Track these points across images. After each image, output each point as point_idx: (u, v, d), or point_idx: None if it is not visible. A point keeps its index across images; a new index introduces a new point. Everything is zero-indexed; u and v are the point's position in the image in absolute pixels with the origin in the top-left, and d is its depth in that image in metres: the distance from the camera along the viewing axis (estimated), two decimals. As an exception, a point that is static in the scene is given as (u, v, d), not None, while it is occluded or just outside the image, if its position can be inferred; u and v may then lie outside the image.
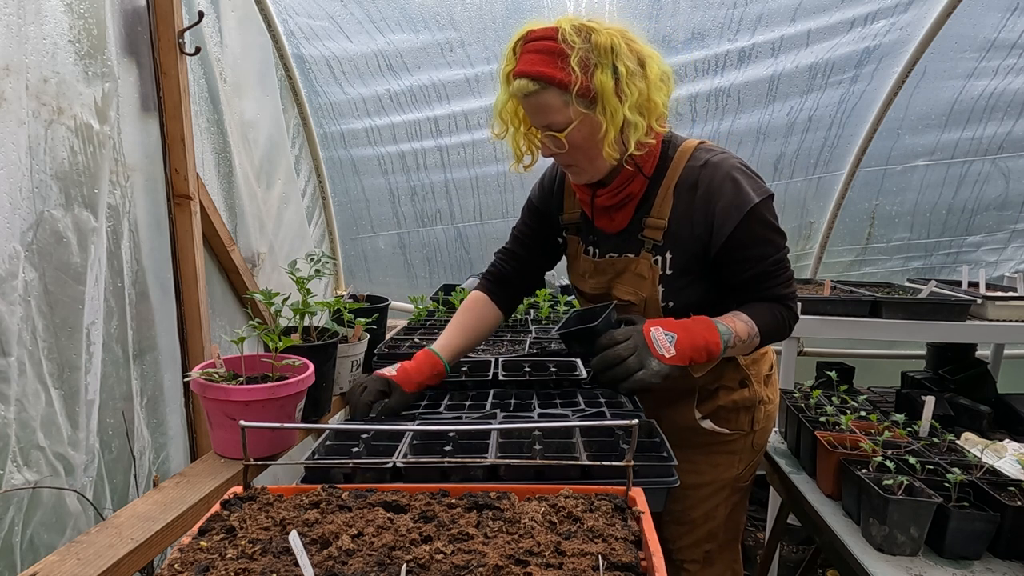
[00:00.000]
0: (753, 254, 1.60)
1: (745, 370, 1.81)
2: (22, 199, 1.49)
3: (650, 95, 1.50)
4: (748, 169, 1.62)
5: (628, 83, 1.47)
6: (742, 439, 1.85)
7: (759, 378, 1.84)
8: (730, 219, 1.55)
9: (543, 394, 1.81)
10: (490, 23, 3.18)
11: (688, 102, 3.44)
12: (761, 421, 1.86)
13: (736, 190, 1.56)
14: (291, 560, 0.86)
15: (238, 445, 1.17)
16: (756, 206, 1.55)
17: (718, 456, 1.85)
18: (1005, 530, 1.49)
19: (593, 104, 1.49)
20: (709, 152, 1.62)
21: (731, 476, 1.87)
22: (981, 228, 3.79)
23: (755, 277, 1.62)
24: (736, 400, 1.81)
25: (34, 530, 1.52)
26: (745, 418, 1.83)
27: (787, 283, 1.66)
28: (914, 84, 3.33)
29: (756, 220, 1.56)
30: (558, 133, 1.52)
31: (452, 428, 1.41)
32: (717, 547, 1.94)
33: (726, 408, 1.82)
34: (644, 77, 1.50)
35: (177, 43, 1.96)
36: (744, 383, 1.81)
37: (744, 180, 1.57)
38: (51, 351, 1.58)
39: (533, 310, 2.83)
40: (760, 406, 1.84)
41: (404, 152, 3.64)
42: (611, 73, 1.46)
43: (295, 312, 1.80)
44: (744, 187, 1.56)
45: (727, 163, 1.59)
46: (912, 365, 3.53)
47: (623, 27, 1.52)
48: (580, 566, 0.85)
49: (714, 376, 1.78)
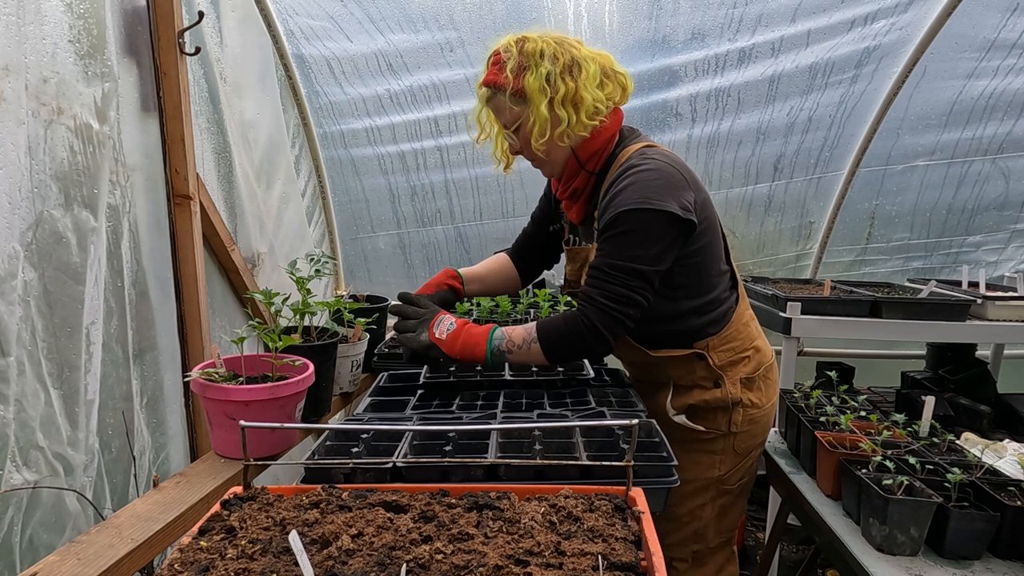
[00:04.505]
0: (603, 246, 1.65)
1: (718, 370, 1.84)
2: (22, 199, 1.49)
3: (579, 91, 1.65)
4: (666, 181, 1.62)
5: (556, 81, 1.64)
6: (721, 440, 1.87)
7: (734, 380, 1.85)
8: (608, 213, 1.64)
9: (553, 394, 1.81)
10: (490, 23, 3.18)
11: (688, 102, 3.44)
12: (740, 424, 1.87)
13: (627, 192, 1.61)
14: (291, 560, 0.86)
15: (238, 445, 1.17)
16: (631, 210, 1.59)
17: (699, 454, 1.88)
18: (1005, 530, 1.49)
19: (525, 102, 1.69)
20: (643, 157, 1.68)
21: (713, 476, 1.88)
22: (981, 228, 3.79)
23: (591, 267, 1.67)
24: (708, 400, 1.85)
25: (34, 530, 1.52)
26: (722, 418, 1.86)
27: (605, 292, 1.62)
28: (914, 84, 3.33)
29: (623, 221, 1.60)
30: (508, 129, 1.76)
31: (452, 428, 1.41)
32: (707, 549, 1.95)
33: (699, 407, 1.86)
34: (573, 76, 1.66)
35: (177, 43, 1.96)
36: (718, 383, 1.85)
37: (640, 188, 1.60)
38: (51, 351, 1.58)
39: (533, 310, 2.83)
40: (737, 408, 1.85)
41: (404, 152, 3.64)
42: (541, 74, 1.64)
43: (295, 312, 1.80)
44: (635, 192, 1.60)
45: (645, 170, 1.63)
46: (912, 365, 3.53)
47: (562, 36, 1.71)
48: (580, 566, 0.85)
49: (686, 371, 1.85)
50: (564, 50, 1.67)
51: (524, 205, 3.74)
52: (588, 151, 1.75)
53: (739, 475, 1.94)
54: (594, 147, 1.74)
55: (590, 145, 1.74)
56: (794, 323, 2.72)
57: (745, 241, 3.86)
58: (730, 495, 1.94)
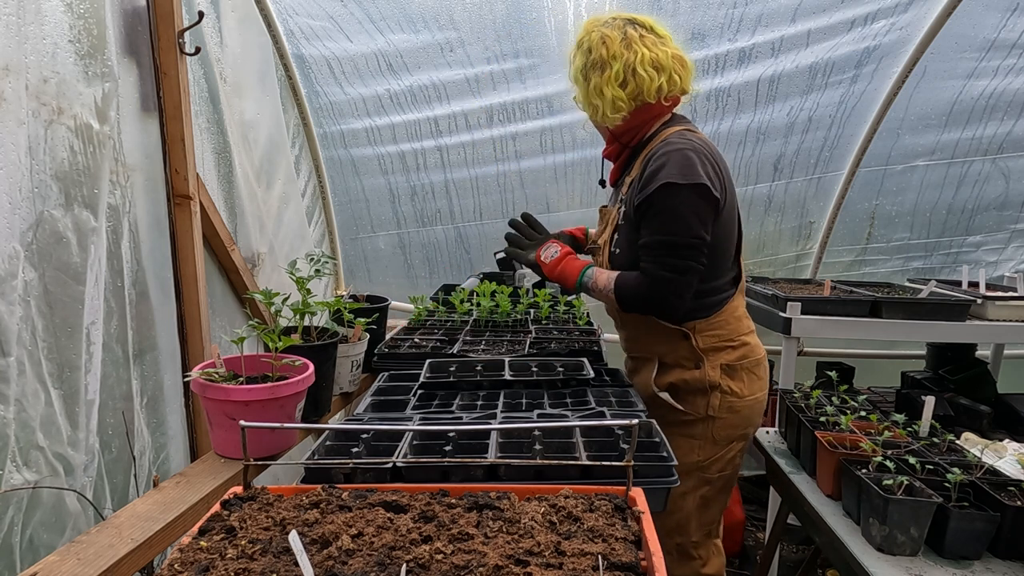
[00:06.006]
0: (650, 223, 1.81)
1: (700, 352, 1.93)
2: (22, 199, 1.49)
3: (601, 87, 1.88)
4: (701, 159, 1.78)
5: (588, 74, 1.91)
6: (700, 424, 1.95)
7: (715, 364, 1.93)
8: (650, 185, 1.78)
9: (553, 394, 1.81)
10: (490, 23, 3.18)
11: (688, 102, 3.43)
12: (719, 410, 1.94)
13: (667, 165, 1.77)
14: (291, 560, 0.86)
15: (238, 445, 1.17)
16: (673, 184, 1.74)
17: (679, 439, 1.95)
18: (1005, 530, 1.49)
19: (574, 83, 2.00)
20: (680, 137, 1.84)
21: (692, 462, 1.95)
22: (981, 228, 3.78)
23: (642, 246, 1.84)
24: (688, 380, 1.94)
25: (34, 530, 1.52)
26: (700, 401, 1.94)
27: (660, 263, 1.80)
28: (914, 84, 3.33)
29: (667, 195, 1.76)
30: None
31: (452, 428, 1.41)
32: (690, 542, 2.00)
33: (679, 386, 1.96)
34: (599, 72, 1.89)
35: (177, 43, 1.96)
36: (698, 365, 1.94)
37: (681, 163, 1.76)
38: (51, 351, 1.58)
39: (533, 310, 2.83)
40: (715, 392, 1.93)
41: (404, 152, 3.64)
42: (578, 65, 1.94)
43: (295, 312, 1.80)
44: (675, 166, 1.76)
45: (681, 146, 1.80)
46: (912, 365, 3.53)
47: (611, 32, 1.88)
48: (580, 566, 0.85)
49: (670, 348, 1.97)
50: (600, 46, 1.88)
51: (524, 205, 3.74)
52: (632, 130, 1.97)
53: (719, 466, 1.98)
54: (643, 128, 1.96)
55: (636, 126, 1.96)
56: (794, 323, 2.72)
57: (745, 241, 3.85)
58: (711, 487, 1.99)
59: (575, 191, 3.71)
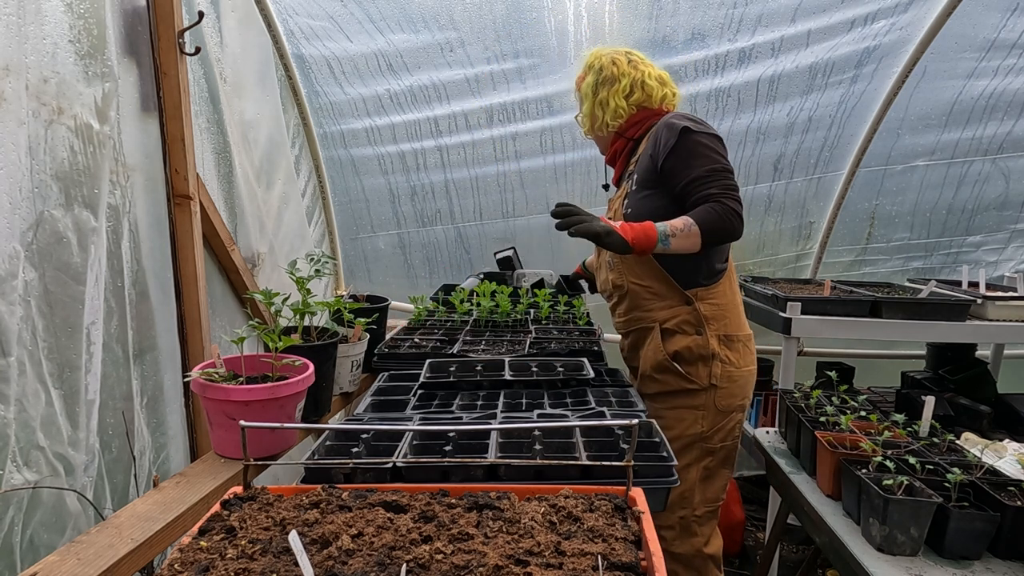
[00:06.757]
0: (690, 162, 2.00)
1: (702, 316, 2.09)
2: (22, 199, 1.49)
3: (608, 99, 2.22)
4: (700, 122, 2.06)
5: (597, 88, 2.26)
6: (703, 394, 2.08)
7: (713, 333, 2.09)
8: (671, 137, 2.01)
9: (553, 394, 1.81)
10: (490, 23, 3.18)
11: (688, 102, 3.44)
12: (720, 379, 2.07)
13: (679, 122, 2.02)
14: (291, 560, 0.86)
15: (238, 445, 1.17)
16: (690, 128, 2.00)
17: (683, 411, 2.10)
18: (1005, 530, 1.49)
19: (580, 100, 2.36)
20: (675, 115, 2.12)
21: (697, 432, 2.08)
22: (981, 228, 3.78)
23: (691, 181, 1.99)
24: (691, 347, 2.08)
25: (34, 530, 1.52)
26: (703, 370, 2.08)
27: (721, 187, 1.96)
28: (914, 84, 3.33)
29: (690, 139, 2.00)
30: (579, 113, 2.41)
31: (452, 428, 1.41)
32: (693, 517, 2.06)
33: (682, 354, 2.09)
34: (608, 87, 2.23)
35: (177, 43, 1.96)
36: (699, 331, 2.09)
37: (691, 119, 2.05)
38: (51, 351, 1.58)
39: (533, 310, 2.83)
40: (716, 361, 2.07)
41: (404, 152, 3.64)
42: (590, 82, 2.27)
43: (295, 312, 1.81)
44: (687, 120, 2.03)
45: (685, 114, 2.10)
46: (912, 365, 3.53)
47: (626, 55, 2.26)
48: (580, 566, 0.85)
49: (671, 314, 2.12)
50: (613, 69, 2.23)
51: (524, 205, 3.74)
52: (636, 125, 2.23)
53: (721, 436, 2.08)
54: (645, 122, 2.23)
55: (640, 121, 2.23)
56: (794, 323, 2.72)
57: (745, 241, 3.86)
58: (714, 458, 2.08)
59: (575, 191, 3.71)
